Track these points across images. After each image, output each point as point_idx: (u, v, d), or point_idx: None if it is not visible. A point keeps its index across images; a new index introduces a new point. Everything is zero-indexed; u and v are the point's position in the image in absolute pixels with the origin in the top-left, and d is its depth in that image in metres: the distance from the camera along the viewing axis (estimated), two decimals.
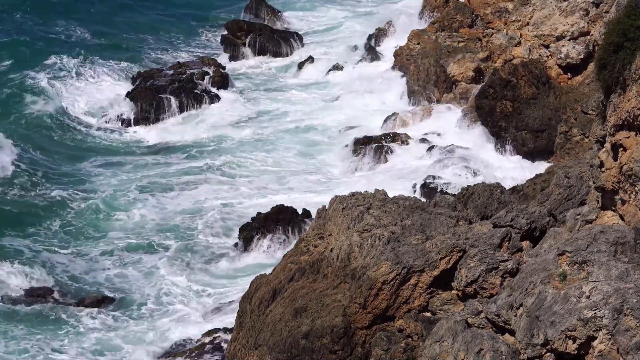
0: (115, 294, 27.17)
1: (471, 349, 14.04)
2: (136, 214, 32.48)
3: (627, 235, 13.76)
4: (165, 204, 33.56)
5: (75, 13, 60.77)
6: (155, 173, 36.79)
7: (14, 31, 54.95)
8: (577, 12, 39.25)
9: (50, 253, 29.24)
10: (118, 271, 28.64)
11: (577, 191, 20.03)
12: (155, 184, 35.44)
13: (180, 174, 36.69)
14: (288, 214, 30.66)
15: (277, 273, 20.35)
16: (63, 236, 30.79)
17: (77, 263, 28.94)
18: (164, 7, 64.88)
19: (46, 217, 31.97)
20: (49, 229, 31.10)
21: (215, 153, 39.07)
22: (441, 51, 44.21)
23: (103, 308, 26.14)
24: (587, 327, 12.90)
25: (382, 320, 17.32)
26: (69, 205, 33.10)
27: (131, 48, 54.91)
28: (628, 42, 14.85)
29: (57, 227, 31.35)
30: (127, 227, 31.65)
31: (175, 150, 39.86)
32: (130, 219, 32.21)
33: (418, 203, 20.31)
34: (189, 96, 45.37)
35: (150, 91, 45.55)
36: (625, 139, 15.10)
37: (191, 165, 37.69)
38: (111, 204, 33.17)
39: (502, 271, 16.60)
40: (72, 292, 27.07)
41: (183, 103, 44.96)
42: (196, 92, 45.93)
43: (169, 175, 36.35)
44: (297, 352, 17.52)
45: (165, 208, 33.24)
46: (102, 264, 29.02)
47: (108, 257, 29.40)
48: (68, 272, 28.28)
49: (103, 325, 25.31)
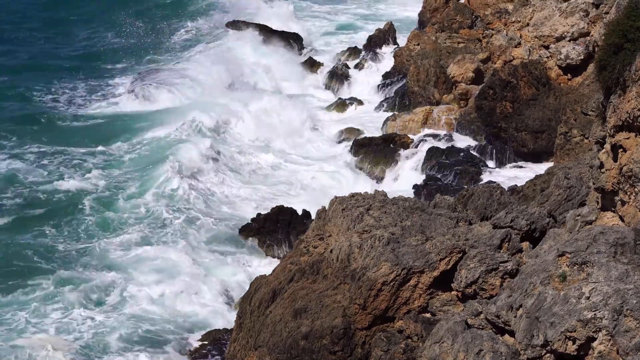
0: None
1: (471, 350, 14.04)
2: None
3: (627, 236, 13.75)
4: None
5: (75, 13, 60.94)
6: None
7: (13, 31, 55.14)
8: (577, 13, 39.27)
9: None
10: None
11: (577, 192, 20.03)
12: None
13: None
14: (288, 214, 30.69)
15: (277, 274, 20.35)
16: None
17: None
18: (164, 6, 65.05)
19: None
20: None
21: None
22: (441, 52, 44.26)
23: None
24: (586, 328, 12.90)
25: (382, 321, 17.31)
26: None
27: (131, 47, 55.08)
28: (628, 43, 14.85)
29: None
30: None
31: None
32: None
33: (418, 204, 20.32)
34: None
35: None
36: (625, 140, 15.10)
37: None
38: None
39: (502, 272, 16.60)
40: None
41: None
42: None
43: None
44: (297, 352, 17.51)
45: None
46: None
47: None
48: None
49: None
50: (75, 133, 41.25)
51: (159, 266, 28.54)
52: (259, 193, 35.41)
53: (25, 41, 56.86)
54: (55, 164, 36.83)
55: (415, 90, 42.51)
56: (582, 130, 31.57)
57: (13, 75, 49.14)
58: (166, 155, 37.23)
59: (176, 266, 28.65)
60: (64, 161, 37.29)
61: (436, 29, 46.87)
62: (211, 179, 36.13)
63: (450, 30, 46.15)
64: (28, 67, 50.96)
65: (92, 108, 45.22)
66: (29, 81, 48.10)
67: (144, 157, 38.14)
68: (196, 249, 30.06)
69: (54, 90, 47.20)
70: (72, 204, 33.06)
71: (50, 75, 49.37)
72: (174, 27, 61.09)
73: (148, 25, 58.87)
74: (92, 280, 27.26)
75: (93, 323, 25.16)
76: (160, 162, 36.71)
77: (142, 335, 24.67)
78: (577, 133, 32.08)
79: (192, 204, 33.61)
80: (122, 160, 38.01)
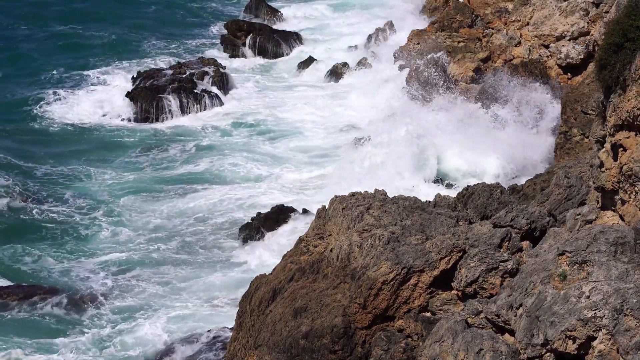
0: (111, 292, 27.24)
1: (471, 349, 14.04)
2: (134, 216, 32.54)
3: (627, 236, 13.75)
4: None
5: (75, 13, 60.88)
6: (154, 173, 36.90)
7: (13, 31, 55.05)
8: (577, 12, 39.27)
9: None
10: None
11: (577, 191, 20.03)
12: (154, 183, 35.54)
13: (180, 174, 36.75)
14: (288, 214, 30.67)
15: (277, 273, 20.35)
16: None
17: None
18: (164, 7, 64.93)
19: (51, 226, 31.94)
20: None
21: (216, 152, 39.08)
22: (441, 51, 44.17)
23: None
24: (587, 327, 12.90)
25: (382, 320, 17.31)
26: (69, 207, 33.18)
27: (131, 48, 54.94)
28: (628, 42, 14.84)
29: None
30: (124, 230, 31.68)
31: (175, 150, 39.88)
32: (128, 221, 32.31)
33: (418, 203, 20.31)
34: (188, 96, 45.39)
35: (150, 91, 45.57)
36: (625, 139, 15.10)
37: (190, 167, 37.73)
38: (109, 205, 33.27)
39: (502, 271, 16.60)
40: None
41: (183, 103, 44.98)
42: (196, 92, 45.95)
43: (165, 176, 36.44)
44: (297, 352, 17.51)
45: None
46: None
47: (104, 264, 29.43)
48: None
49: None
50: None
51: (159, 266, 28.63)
52: (259, 192, 35.39)
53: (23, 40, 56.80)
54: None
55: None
56: (582, 130, 31.53)
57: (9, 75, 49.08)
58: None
59: (176, 266, 28.72)
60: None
61: (436, 28, 46.84)
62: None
63: (450, 29, 46.11)
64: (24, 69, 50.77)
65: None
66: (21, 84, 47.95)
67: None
68: (196, 249, 30.10)
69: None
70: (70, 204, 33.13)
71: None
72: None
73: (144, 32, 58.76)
74: (92, 280, 27.33)
75: (93, 321, 25.26)
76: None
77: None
78: (577, 132, 32.05)
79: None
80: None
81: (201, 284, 27.59)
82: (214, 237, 30.95)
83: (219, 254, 29.91)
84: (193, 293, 27.11)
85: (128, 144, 40.67)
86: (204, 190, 35.14)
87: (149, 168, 37.61)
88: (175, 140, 40.90)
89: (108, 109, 44.48)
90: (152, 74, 47.72)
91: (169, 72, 48.02)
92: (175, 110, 44.40)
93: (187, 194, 34.75)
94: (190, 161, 38.28)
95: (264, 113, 44.49)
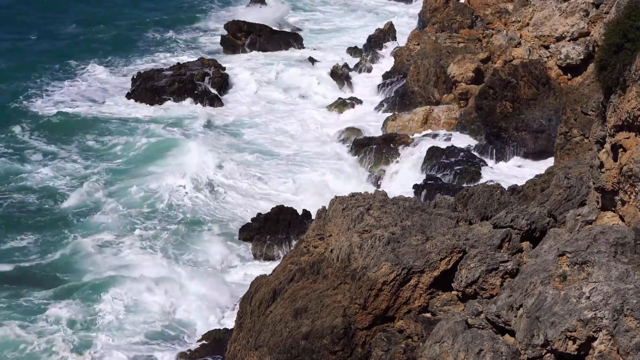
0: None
1: (471, 350, 14.03)
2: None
3: (627, 236, 13.75)
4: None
5: (74, 13, 60.97)
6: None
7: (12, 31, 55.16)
8: (577, 12, 39.30)
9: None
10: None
11: (577, 192, 20.03)
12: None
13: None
14: (288, 214, 30.68)
15: (277, 274, 20.36)
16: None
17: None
18: (163, 6, 65.00)
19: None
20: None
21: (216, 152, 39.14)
22: (441, 52, 44.25)
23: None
24: (587, 327, 12.90)
25: (382, 320, 17.31)
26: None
27: (131, 48, 55.00)
28: (628, 42, 14.85)
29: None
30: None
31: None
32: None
33: (418, 204, 20.31)
34: (188, 97, 45.51)
35: (150, 92, 45.65)
36: (625, 140, 15.10)
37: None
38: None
39: (502, 272, 16.60)
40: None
41: (183, 103, 45.15)
42: (196, 93, 45.99)
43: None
44: (297, 352, 17.51)
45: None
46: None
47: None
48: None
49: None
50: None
51: (159, 266, 28.61)
52: (259, 192, 35.43)
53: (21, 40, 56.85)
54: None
55: (415, 90, 42.50)
56: (582, 130, 31.56)
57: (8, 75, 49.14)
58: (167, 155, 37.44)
59: (175, 265, 28.71)
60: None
61: (436, 28, 46.88)
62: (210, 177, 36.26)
63: (451, 30, 46.16)
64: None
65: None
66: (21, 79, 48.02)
67: (144, 157, 38.30)
68: (195, 248, 30.11)
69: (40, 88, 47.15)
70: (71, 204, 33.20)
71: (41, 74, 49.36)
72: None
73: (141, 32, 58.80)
74: (90, 280, 27.33)
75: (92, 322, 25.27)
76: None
77: (142, 335, 24.74)
78: (577, 133, 32.08)
79: (191, 202, 33.70)
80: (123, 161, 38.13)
81: (201, 284, 27.56)
82: (214, 237, 30.97)
83: (219, 254, 29.91)
84: (193, 293, 27.10)
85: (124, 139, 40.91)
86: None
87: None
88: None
89: (107, 108, 44.61)
90: (152, 74, 47.79)
91: (169, 73, 48.09)
92: (175, 110, 44.58)
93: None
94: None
95: (264, 113, 44.52)
